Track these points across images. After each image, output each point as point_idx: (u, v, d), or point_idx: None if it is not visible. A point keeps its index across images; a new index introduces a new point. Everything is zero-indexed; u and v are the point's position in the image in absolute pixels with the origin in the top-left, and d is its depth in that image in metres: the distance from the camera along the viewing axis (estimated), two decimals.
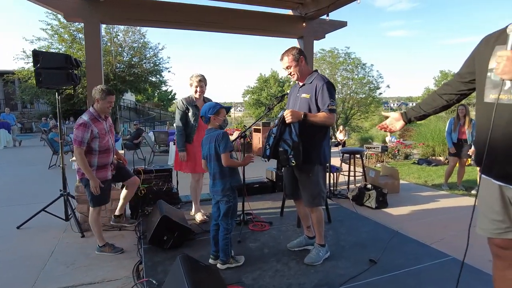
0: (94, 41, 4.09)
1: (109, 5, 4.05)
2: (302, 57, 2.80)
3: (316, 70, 2.91)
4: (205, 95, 3.95)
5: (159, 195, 4.26)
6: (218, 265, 2.78)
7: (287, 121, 2.58)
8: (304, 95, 2.77)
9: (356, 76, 22.56)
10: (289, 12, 5.21)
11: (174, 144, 4.24)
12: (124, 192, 3.82)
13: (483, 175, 1.70)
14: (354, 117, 24.80)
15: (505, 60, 1.41)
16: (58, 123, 4.35)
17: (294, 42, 5.34)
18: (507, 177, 1.56)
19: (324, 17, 4.84)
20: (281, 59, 2.83)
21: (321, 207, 2.88)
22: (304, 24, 5.06)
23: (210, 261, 2.88)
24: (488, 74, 1.60)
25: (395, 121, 2.18)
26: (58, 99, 4.10)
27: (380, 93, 23.95)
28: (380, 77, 23.18)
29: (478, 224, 1.75)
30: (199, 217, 3.93)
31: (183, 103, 3.83)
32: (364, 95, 23.34)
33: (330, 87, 2.70)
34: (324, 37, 5.37)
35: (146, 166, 4.49)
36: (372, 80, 22.99)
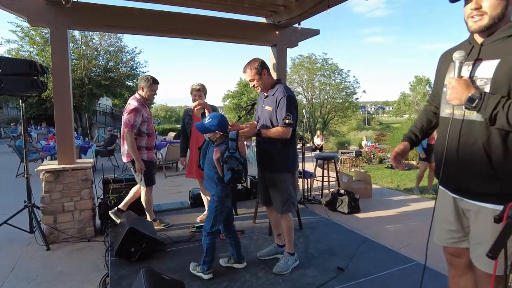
0: (61, 47, 3.96)
1: (77, 10, 3.94)
2: (265, 70, 2.81)
3: (279, 80, 2.94)
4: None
5: (129, 205, 4.15)
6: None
7: (240, 139, 2.62)
8: (267, 107, 2.82)
9: (333, 82, 22.99)
10: (263, 20, 5.25)
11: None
12: (136, 187, 3.92)
13: (440, 187, 1.76)
14: (332, 122, 25.21)
15: (451, 88, 1.48)
16: (23, 131, 4.17)
17: (268, 50, 5.38)
18: (460, 190, 1.62)
19: (296, 25, 4.91)
20: (244, 71, 2.84)
21: (291, 215, 2.90)
22: (277, 32, 5.10)
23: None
24: (444, 89, 1.66)
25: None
26: (22, 107, 3.95)
27: (357, 98, 24.53)
28: (357, 82, 23.81)
29: (435, 234, 1.81)
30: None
31: (184, 112, 4.09)
32: (341, 100, 23.80)
33: (289, 101, 2.71)
34: (297, 45, 5.43)
35: (116, 175, 4.38)
36: (349, 85, 23.52)
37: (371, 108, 79.85)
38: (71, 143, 4.07)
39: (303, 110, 5.98)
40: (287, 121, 2.66)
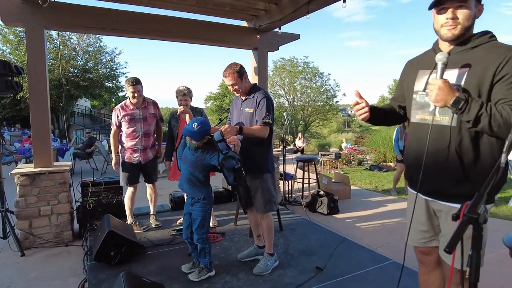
0: (37, 48, 3.86)
1: (54, 10, 3.86)
2: (245, 74, 2.87)
3: (255, 84, 3.01)
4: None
5: (109, 209, 4.11)
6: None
7: (226, 138, 2.60)
8: (247, 109, 2.86)
9: (314, 85, 23.31)
10: (244, 23, 5.30)
11: None
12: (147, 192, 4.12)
13: (410, 190, 1.84)
14: (313, 124, 25.53)
15: (437, 89, 1.49)
16: None
17: (249, 53, 5.42)
18: (433, 193, 1.69)
19: (277, 30, 4.98)
20: (225, 76, 2.85)
21: (271, 215, 2.95)
22: (258, 36, 5.16)
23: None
24: (414, 95, 1.74)
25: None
26: None
27: (337, 101, 24.95)
28: (337, 85, 24.36)
29: (407, 235, 1.88)
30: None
31: (171, 115, 4.09)
32: (322, 103, 24.15)
33: (268, 102, 2.81)
34: (278, 49, 5.51)
35: (95, 178, 4.31)
36: (330, 88, 23.91)
37: (351, 111, 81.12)
38: (48, 145, 3.98)
39: (284, 113, 6.06)
40: (266, 120, 2.74)
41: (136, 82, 3.73)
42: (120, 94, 22.30)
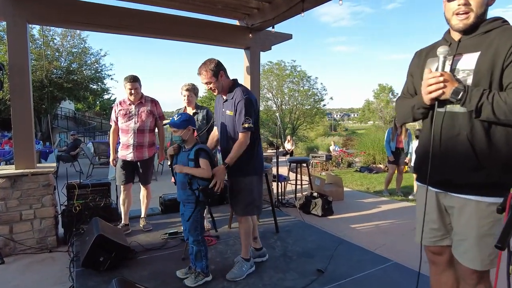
0: (19, 43, 3.64)
1: (38, 3, 3.67)
2: (222, 71, 2.65)
3: (235, 81, 2.77)
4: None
5: (96, 212, 3.91)
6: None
7: (218, 191, 2.55)
8: (228, 112, 2.68)
9: (302, 88, 23.39)
10: (236, 23, 5.20)
11: None
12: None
13: (420, 184, 1.75)
14: (300, 127, 25.58)
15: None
16: None
17: (241, 53, 5.32)
18: (444, 183, 1.60)
19: (270, 29, 4.90)
20: (199, 73, 2.65)
21: (250, 219, 2.83)
22: (250, 35, 5.06)
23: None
24: None
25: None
26: None
27: (324, 105, 25.12)
28: (324, 89, 24.39)
29: (417, 234, 1.79)
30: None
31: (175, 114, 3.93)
32: (309, 107, 24.24)
33: (247, 103, 2.58)
34: (270, 49, 5.42)
35: (81, 180, 4.10)
36: (317, 92, 24.03)
37: (337, 115, 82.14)
38: (31, 145, 3.76)
39: (276, 114, 5.96)
40: (246, 125, 2.56)
41: (134, 80, 3.68)
42: (106, 96, 21.86)
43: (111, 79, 18.75)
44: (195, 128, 2.63)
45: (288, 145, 13.25)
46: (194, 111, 3.79)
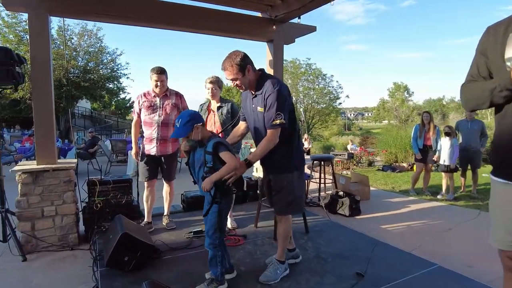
0: (41, 36, 3.55)
1: None
2: (249, 65, 2.38)
3: (262, 71, 2.48)
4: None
5: (118, 209, 3.78)
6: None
7: (229, 182, 2.29)
8: (259, 108, 2.42)
9: (317, 86, 23.05)
10: (258, 14, 5.01)
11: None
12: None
13: (500, 180, 1.52)
14: (315, 126, 25.24)
15: None
16: None
17: (264, 46, 5.13)
18: None
19: (295, 20, 4.69)
20: (223, 68, 2.39)
21: (291, 219, 2.63)
22: (274, 27, 4.86)
23: None
24: (508, 64, 1.42)
25: None
26: None
27: (340, 103, 24.66)
28: (340, 87, 23.91)
29: (492, 235, 1.56)
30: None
31: (200, 107, 3.86)
32: (324, 105, 23.87)
33: (279, 96, 2.31)
34: (294, 41, 5.21)
35: (102, 177, 3.99)
36: (332, 90, 23.63)
37: (350, 114, 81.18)
38: (52, 140, 3.66)
39: (300, 109, 5.76)
40: (277, 121, 2.30)
41: (161, 71, 3.53)
42: (121, 96, 22.02)
43: (127, 78, 18.82)
44: (202, 122, 2.38)
45: (305, 144, 13.01)
46: (218, 104, 3.63)
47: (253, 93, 2.48)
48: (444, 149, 5.89)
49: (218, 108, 3.61)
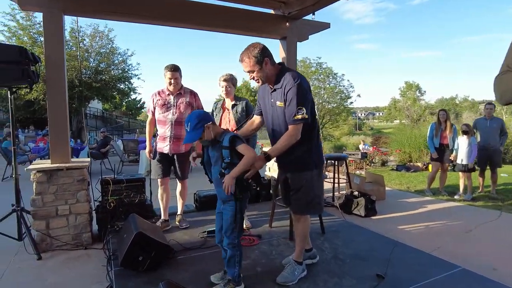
0: (55, 34, 3.56)
1: None
2: (267, 58, 2.31)
3: (282, 65, 2.42)
4: None
5: (131, 208, 3.77)
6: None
7: (247, 177, 2.22)
8: (278, 103, 2.35)
9: (327, 86, 22.82)
10: (271, 11, 4.95)
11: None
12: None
13: None
14: (325, 126, 24.99)
15: None
16: (11, 127, 3.75)
17: (276, 43, 5.07)
18: None
19: (309, 16, 4.62)
20: (241, 60, 2.35)
21: (309, 219, 2.57)
22: (287, 23, 4.80)
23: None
24: None
25: None
26: (10, 99, 3.53)
27: (351, 102, 24.36)
28: (351, 86, 23.58)
29: None
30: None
31: (214, 105, 3.82)
32: (335, 104, 23.62)
33: (300, 90, 2.24)
34: (307, 38, 5.13)
35: (115, 175, 3.98)
36: (343, 89, 23.36)
37: (361, 114, 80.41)
38: (66, 139, 3.67)
39: (315, 108, 5.70)
40: (299, 116, 2.23)
41: (174, 69, 3.50)
42: (132, 96, 22.18)
43: (138, 78, 18.93)
44: (212, 121, 2.32)
45: None
46: (233, 102, 3.58)
47: (272, 87, 2.42)
48: (462, 148, 5.73)
49: (233, 106, 3.57)
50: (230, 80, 3.56)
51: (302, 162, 2.41)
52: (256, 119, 2.71)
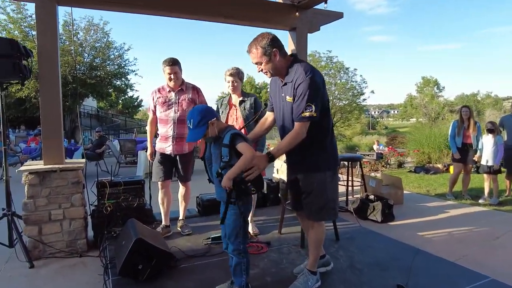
0: (48, 26, 3.56)
1: None
2: (276, 50, 2.29)
3: (295, 57, 2.41)
4: None
5: (129, 213, 3.76)
6: None
7: (248, 178, 2.18)
8: (288, 98, 2.35)
9: (339, 81, 22.75)
10: (279, 0, 4.92)
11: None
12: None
13: None
14: (336, 125, 24.91)
15: None
16: (1, 127, 3.75)
17: (285, 35, 5.03)
18: None
19: (321, 5, 4.57)
20: (249, 51, 2.36)
21: (324, 225, 2.55)
22: (297, 13, 4.76)
23: None
24: None
25: None
26: (1, 96, 3.53)
27: (364, 99, 24.26)
28: (364, 82, 23.48)
29: None
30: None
31: (219, 102, 3.81)
32: (347, 102, 23.53)
33: (311, 85, 2.21)
34: (319, 29, 5.10)
35: (113, 178, 3.97)
36: (356, 85, 23.27)
37: (374, 112, 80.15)
38: (60, 139, 3.66)
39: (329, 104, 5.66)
40: (306, 113, 2.20)
41: (173, 63, 3.47)
42: (129, 93, 22.31)
43: (135, 74, 19.02)
44: (217, 116, 2.30)
45: None
46: (240, 98, 3.56)
47: (283, 81, 2.40)
48: (487, 148, 5.66)
49: (241, 102, 3.55)
50: (237, 74, 3.54)
51: (314, 162, 2.38)
52: (269, 116, 2.69)
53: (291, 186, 2.59)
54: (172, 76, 3.47)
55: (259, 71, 2.41)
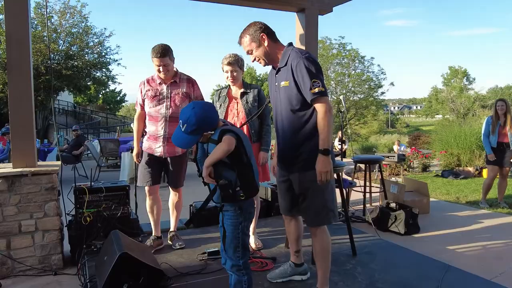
0: (18, 9, 3.56)
1: None
2: (264, 34, 2.53)
3: (290, 44, 2.65)
4: None
5: (112, 224, 3.76)
6: None
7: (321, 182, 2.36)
8: (283, 83, 2.54)
9: (353, 72, 22.80)
10: None
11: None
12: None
13: None
14: (350, 123, 24.97)
15: None
16: None
17: (292, 16, 5.02)
18: None
19: None
20: (239, 42, 2.64)
21: (328, 232, 2.61)
22: None
23: None
24: None
25: None
26: None
27: (383, 93, 24.29)
28: (382, 73, 23.52)
29: None
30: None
31: (216, 95, 3.83)
32: (363, 95, 23.58)
33: (310, 63, 2.40)
34: (332, 11, 5.09)
35: (93, 183, 3.96)
36: (372, 76, 23.32)
37: (394, 107, 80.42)
38: (31, 139, 3.65)
39: (341, 97, 5.65)
40: (317, 89, 2.35)
41: (162, 54, 3.35)
42: (111, 87, 22.38)
43: (118, 64, 19.09)
44: (218, 122, 2.31)
45: (335, 143, 12.86)
46: (242, 90, 3.55)
47: (276, 67, 2.64)
48: None
49: (242, 94, 3.54)
50: (236, 62, 3.52)
51: (308, 159, 2.46)
52: None
53: (284, 188, 2.71)
54: (161, 68, 3.41)
55: (253, 61, 2.66)
